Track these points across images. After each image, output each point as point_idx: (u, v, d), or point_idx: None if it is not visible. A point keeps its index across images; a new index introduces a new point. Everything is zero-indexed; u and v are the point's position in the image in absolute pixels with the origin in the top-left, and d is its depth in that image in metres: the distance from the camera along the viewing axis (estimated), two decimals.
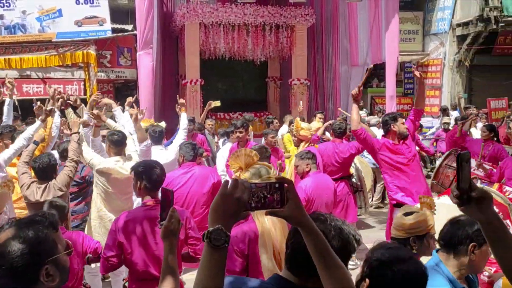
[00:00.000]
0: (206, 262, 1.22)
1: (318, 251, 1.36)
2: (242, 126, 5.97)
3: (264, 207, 1.31)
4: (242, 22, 10.42)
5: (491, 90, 14.08)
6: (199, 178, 4.38)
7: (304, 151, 4.72)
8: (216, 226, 1.21)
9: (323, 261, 1.36)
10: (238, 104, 12.33)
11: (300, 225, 1.36)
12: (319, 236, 1.37)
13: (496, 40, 14.19)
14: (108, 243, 2.87)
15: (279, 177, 1.33)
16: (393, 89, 9.97)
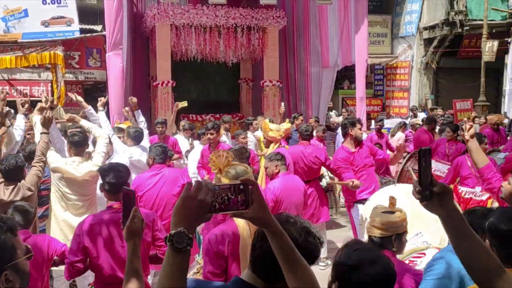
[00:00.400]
0: (169, 265, 1.21)
1: (283, 253, 1.36)
2: (213, 127, 5.97)
3: (228, 209, 1.30)
4: (213, 24, 10.40)
5: (457, 91, 14.54)
6: (169, 180, 4.31)
7: (273, 153, 4.75)
8: (178, 229, 1.20)
9: (289, 262, 1.37)
10: (210, 105, 12.29)
11: (265, 226, 1.36)
12: (284, 237, 1.37)
13: (461, 43, 14.67)
14: (72, 247, 2.82)
15: (244, 179, 1.33)
16: (363, 91, 10.16)
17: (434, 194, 1.40)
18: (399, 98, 15.74)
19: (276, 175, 4.45)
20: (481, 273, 1.45)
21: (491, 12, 13.51)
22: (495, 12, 13.85)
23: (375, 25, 15.27)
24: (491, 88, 14.49)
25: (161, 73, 10.35)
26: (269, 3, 10.06)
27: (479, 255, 1.43)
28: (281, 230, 1.37)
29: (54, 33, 10.23)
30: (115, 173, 2.91)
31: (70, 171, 4.10)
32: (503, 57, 13.78)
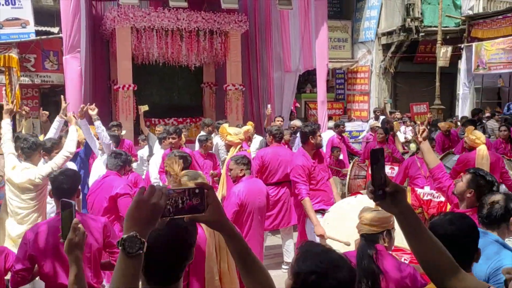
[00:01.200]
0: (120, 270, 1.20)
1: (239, 255, 1.39)
2: (175, 132, 5.91)
3: (183, 213, 1.31)
4: (175, 27, 10.31)
5: (414, 95, 15.07)
6: (104, 189, 4.22)
7: (240, 156, 4.74)
8: (130, 233, 1.19)
9: (245, 264, 1.40)
10: (173, 109, 12.17)
11: (221, 229, 1.38)
12: (240, 240, 1.39)
13: (417, 48, 15.21)
14: (18, 255, 2.75)
15: (199, 182, 1.35)
16: (324, 95, 10.33)
17: (387, 193, 1.42)
18: (359, 102, 16.13)
19: (240, 179, 4.47)
20: (436, 271, 1.47)
21: (445, 19, 14.10)
22: (449, 19, 14.46)
23: (336, 30, 15.60)
24: (446, 92, 15.08)
25: (121, 77, 10.16)
26: (231, 7, 10.08)
27: (434, 253, 1.46)
28: (237, 232, 1.39)
29: (8, 35, 9.86)
30: (59, 180, 2.88)
31: (10, 175, 4.03)
32: (457, 62, 14.38)
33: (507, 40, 12.70)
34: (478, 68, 13.61)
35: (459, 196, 3.03)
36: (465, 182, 2.98)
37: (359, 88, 16.08)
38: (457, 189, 3.06)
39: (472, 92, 14.64)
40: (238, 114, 11.07)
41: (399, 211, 1.45)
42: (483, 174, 3.01)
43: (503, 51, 12.85)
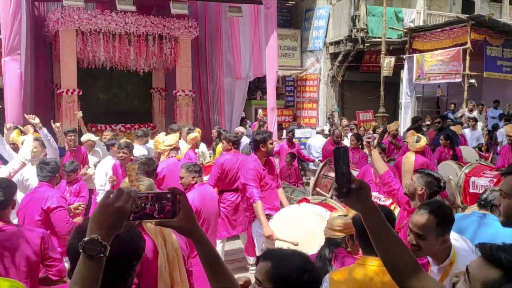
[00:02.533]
0: (80, 273, 1.17)
1: (208, 261, 1.39)
2: (126, 147, 5.73)
3: (153, 217, 1.28)
4: (123, 31, 10.09)
5: (360, 103, 15.61)
6: (36, 201, 3.95)
7: (191, 164, 4.72)
8: (92, 236, 1.17)
9: (213, 270, 1.40)
10: (121, 115, 11.87)
11: (190, 235, 1.36)
12: (209, 246, 1.39)
13: (363, 58, 15.77)
14: None
15: (171, 188, 1.33)
16: (274, 102, 10.46)
17: (352, 190, 1.42)
18: (308, 109, 16.48)
19: (192, 186, 4.45)
20: (397, 270, 1.49)
21: (388, 30, 14.73)
22: (392, 30, 15.11)
23: (286, 39, 15.88)
24: (390, 100, 15.73)
25: (65, 81, 9.80)
26: (181, 13, 10.01)
27: (396, 252, 1.47)
28: (206, 239, 1.39)
29: None
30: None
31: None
32: (400, 72, 15.06)
33: (445, 52, 13.47)
34: (419, 78, 14.32)
35: (411, 195, 3.29)
36: (416, 180, 3.25)
37: (308, 96, 16.44)
38: (409, 188, 3.31)
39: (414, 101, 15.38)
40: (188, 120, 10.97)
41: (364, 208, 1.47)
42: (430, 172, 3.32)
43: (442, 62, 13.61)
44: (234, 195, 5.86)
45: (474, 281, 1.12)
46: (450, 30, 13.58)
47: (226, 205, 5.83)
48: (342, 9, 15.15)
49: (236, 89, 11.76)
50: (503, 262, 1.06)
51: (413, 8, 16.14)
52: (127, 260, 1.48)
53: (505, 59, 13.97)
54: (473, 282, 1.12)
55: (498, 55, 13.86)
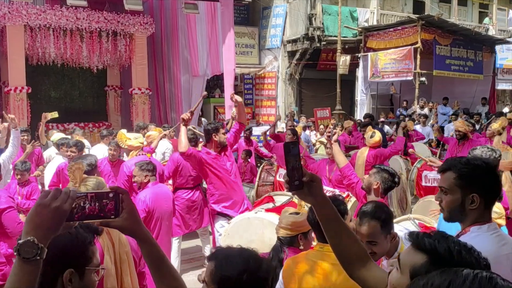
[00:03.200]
0: (15, 276, 1.13)
1: (153, 261, 1.37)
2: (75, 145, 5.56)
3: (94, 217, 1.25)
4: (74, 27, 9.79)
5: (317, 101, 15.87)
6: None
7: (145, 162, 4.64)
8: (27, 238, 1.13)
9: (158, 270, 1.38)
10: (74, 113, 11.53)
11: (135, 235, 1.34)
12: (154, 246, 1.37)
13: (319, 56, 16.03)
14: None
15: (114, 186, 1.31)
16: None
17: (304, 183, 1.45)
18: (267, 107, 16.57)
19: (145, 185, 4.38)
20: (348, 260, 1.54)
21: (344, 29, 15.05)
22: (347, 29, 15.45)
23: (243, 37, 15.88)
24: (346, 98, 16.10)
25: (13, 78, 9.41)
26: (135, 9, 9.81)
27: (347, 242, 1.52)
28: (151, 238, 1.37)
29: None
30: None
31: None
32: (355, 70, 15.42)
33: (397, 51, 13.93)
34: (373, 76, 14.73)
35: (367, 189, 3.42)
36: (372, 175, 3.39)
37: (267, 94, 16.53)
38: (365, 183, 3.45)
39: (369, 98, 15.80)
40: (144, 119, 10.79)
41: (316, 201, 1.50)
42: (386, 168, 3.47)
43: (394, 61, 14.06)
44: (189, 193, 5.83)
45: (404, 267, 1.18)
46: (402, 29, 14.05)
47: (181, 203, 5.79)
48: (298, 8, 15.33)
49: (193, 87, 11.67)
50: (427, 247, 1.11)
51: (367, 8, 16.56)
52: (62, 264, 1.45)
53: (453, 58, 14.61)
54: (403, 269, 1.18)
55: (446, 54, 14.47)
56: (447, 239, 1.11)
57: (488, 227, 1.81)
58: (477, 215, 1.80)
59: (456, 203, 1.80)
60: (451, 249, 1.07)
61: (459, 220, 1.86)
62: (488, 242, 1.75)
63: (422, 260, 1.12)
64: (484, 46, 15.79)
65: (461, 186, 1.79)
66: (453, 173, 1.82)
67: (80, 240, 1.55)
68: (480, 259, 1.05)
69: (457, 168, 1.81)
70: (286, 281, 2.29)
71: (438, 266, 1.01)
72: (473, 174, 1.79)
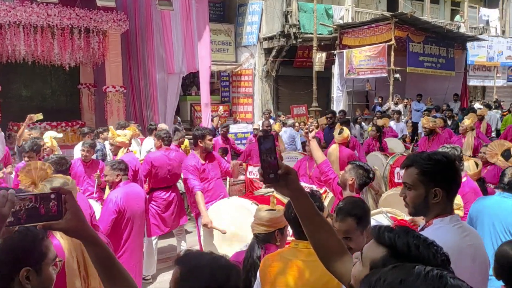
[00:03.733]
0: None
1: (102, 263, 1.34)
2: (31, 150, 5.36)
3: (36, 220, 1.21)
4: (45, 24, 9.55)
5: (294, 98, 15.94)
6: None
7: (116, 161, 4.57)
8: None
9: (106, 271, 1.35)
10: (47, 112, 11.20)
11: (80, 237, 1.31)
12: (103, 247, 1.34)
13: (296, 53, 16.09)
14: None
15: (55, 187, 1.27)
16: (208, 97, 10.40)
17: (280, 176, 1.45)
18: (244, 104, 16.56)
19: (116, 184, 4.31)
20: (324, 252, 1.56)
21: (319, 27, 15.14)
22: (323, 27, 15.56)
23: (220, 34, 15.82)
24: (322, 95, 16.20)
25: None
26: (107, 5, 9.64)
27: (324, 235, 1.54)
28: (99, 240, 1.33)
29: None
30: None
31: None
32: (331, 67, 15.55)
33: (372, 48, 14.11)
34: (349, 73, 14.88)
35: (343, 185, 3.48)
36: (347, 171, 3.45)
37: (244, 91, 16.51)
38: (341, 179, 3.51)
39: (345, 95, 15.96)
40: (119, 117, 10.63)
41: (292, 193, 1.51)
42: (361, 164, 3.51)
43: (369, 58, 14.23)
44: (166, 193, 5.84)
45: (365, 261, 1.19)
46: (376, 27, 14.22)
47: (158, 203, 5.79)
48: (274, 5, 15.35)
49: (169, 85, 11.55)
50: (386, 241, 1.13)
51: (342, 5, 16.71)
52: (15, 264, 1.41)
53: (426, 55, 14.89)
54: (365, 262, 1.19)
55: (419, 51, 14.74)
56: (407, 234, 1.13)
57: (451, 219, 1.84)
58: (440, 208, 1.83)
59: (420, 198, 1.83)
60: (409, 244, 1.09)
61: (423, 214, 1.90)
62: (451, 233, 1.79)
63: (382, 254, 1.14)
64: (456, 43, 16.15)
65: (424, 181, 1.82)
66: (415, 168, 1.84)
67: (30, 237, 1.52)
68: (438, 255, 1.07)
69: (419, 164, 1.84)
70: (262, 280, 2.29)
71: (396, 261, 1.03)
72: (435, 169, 1.82)
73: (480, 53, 18.63)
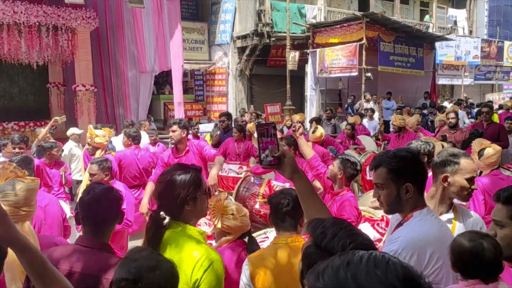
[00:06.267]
0: None
1: (34, 270, 1.29)
2: (22, 141, 5.31)
3: None
4: (12, 21, 9.29)
5: (268, 96, 15.98)
6: None
7: (102, 159, 4.49)
8: None
9: (41, 278, 1.31)
10: (14, 112, 10.99)
11: (10, 244, 1.25)
12: (33, 253, 1.28)
13: (269, 52, 16.15)
14: None
15: None
16: (181, 96, 10.32)
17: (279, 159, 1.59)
18: (218, 103, 16.52)
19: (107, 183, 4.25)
20: None
21: (292, 26, 15.23)
22: (296, 26, 15.66)
23: (193, 32, 15.72)
24: (296, 93, 16.32)
25: None
26: (76, 2, 9.44)
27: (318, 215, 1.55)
28: (31, 246, 1.28)
29: None
30: None
31: None
32: (304, 66, 15.67)
33: (344, 48, 14.29)
34: (321, 72, 15.03)
35: (332, 179, 3.57)
36: (336, 166, 3.53)
37: (218, 90, 16.48)
38: (330, 173, 3.60)
39: (318, 93, 16.12)
40: (90, 116, 10.45)
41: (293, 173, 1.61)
42: (348, 157, 3.59)
43: (341, 56, 14.41)
44: (136, 192, 5.75)
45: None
46: (348, 26, 14.42)
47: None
48: (247, 4, 15.36)
49: (141, 83, 11.41)
50: (310, 230, 1.18)
51: (314, 4, 16.87)
52: None
53: (396, 54, 15.18)
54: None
55: (390, 51, 15.02)
56: (331, 224, 1.16)
57: (427, 211, 1.90)
58: (414, 202, 1.87)
59: (392, 195, 1.86)
60: (326, 233, 1.13)
61: (399, 211, 1.93)
62: (432, 224, 1.86)
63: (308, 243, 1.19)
64: (425, 43, 16.53)
65: (394, 179, 1.85)
66: (383, 168, 1.88)
67: None
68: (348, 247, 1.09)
69: (386, 163, 1.87)
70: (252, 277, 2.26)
71: (318, 250, 1.09)
72: (402, 166, 1.85)
73: (448, 52, 19.14)
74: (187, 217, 1.91)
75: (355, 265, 0.73)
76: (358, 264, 0.74)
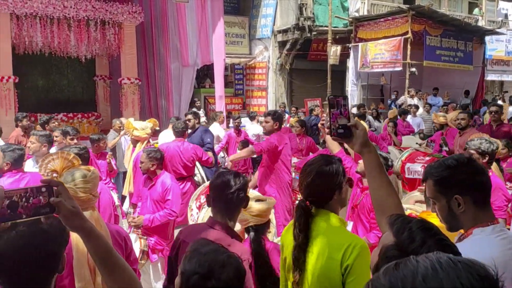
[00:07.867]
0: None
1: (99, 255, 1.32)
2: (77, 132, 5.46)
3: (30, 214, 1.18)
4: (62, 16, 9.62)
5: (308, 91, 15.84)
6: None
7: (153, 150, 4.58)
8: None
9: (105, 264, 1.33)
10: (63, 104, 11.39)
11: (77, 229, 1.27)
12: (100, 239, 1.32)
13: (310, 46, 15.98)
14: None
15: (46, 179, 1.24)
16: (222, 89, 10.40)
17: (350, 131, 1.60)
18: (258, 97, 16.54)
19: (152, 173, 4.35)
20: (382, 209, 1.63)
21: (334, 19, 14.99)
22: (338, 19, 15.40)
23: (234, 26, 15.78)
24: (337, 88, 16.07)
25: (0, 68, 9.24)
26: None
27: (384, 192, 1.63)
28: (96, 232, 1.31)
29: None
30: None
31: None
32: (346, 60, 15.40)
33: (387, 42, 13.93)
34: (363, 66, 14.72)
35: (362, 173, 3.54)
36: None
37: (257, 84, 16.48)
38: (360, 167, 3.55)
39: (359, 88, 15.80)
40: (134, 109, 10.71)
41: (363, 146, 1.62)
42: (380, 152, 3.49)
43: (385, 51, 14.06)
44: (180, 184, 5.80)
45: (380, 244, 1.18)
46: (392, 20, 14.03)
47: None
48: None
49: (183, 76, 11.57)
50: (394, 231, 1.12)
51: None
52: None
53: (443, 48, 14.65)
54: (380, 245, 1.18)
55: (437, 45, 14.51)
56: (421, 229, 1.10)
57: (493, 229, 1.64)
58: (471, 217, 1.64)
59: (444, 210, 1.67)
60: (414, 239, 1.07)
61: (458, 227, 1.71)
62: (493, 245, 1.60)
63: (390, 242, 1.13)
64: (474, 37, 15.86)
65: (441, 191, 1.66)
66: (430, 180, 1.70)
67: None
68: None
69: (431, 174, 1.69)
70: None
71: (399, 253, 1.05)
72: (448, 176, 1.65)
73: (499, 47, 18.26)
74: (333, 206, 2.03)
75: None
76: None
